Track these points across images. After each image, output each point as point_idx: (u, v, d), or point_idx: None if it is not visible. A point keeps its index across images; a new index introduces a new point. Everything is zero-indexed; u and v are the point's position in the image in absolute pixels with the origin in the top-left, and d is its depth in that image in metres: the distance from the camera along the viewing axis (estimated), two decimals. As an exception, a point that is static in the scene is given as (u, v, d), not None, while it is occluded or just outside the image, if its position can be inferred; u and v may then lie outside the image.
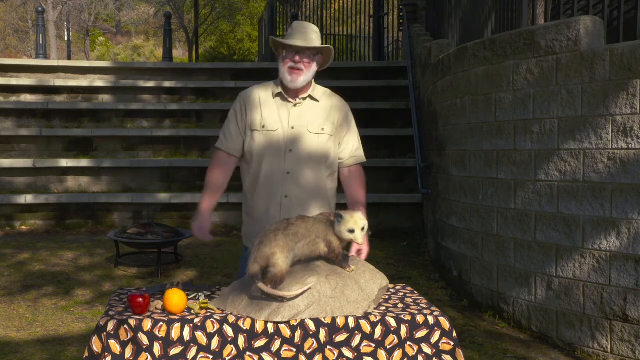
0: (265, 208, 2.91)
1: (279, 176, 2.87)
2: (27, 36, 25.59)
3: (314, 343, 2.30)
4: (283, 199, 2.88)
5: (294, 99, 2.91)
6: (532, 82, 4.37)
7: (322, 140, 2.90)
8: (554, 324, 4.29)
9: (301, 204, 2.88)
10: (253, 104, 2.92)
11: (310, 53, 2.87)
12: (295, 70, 2.84)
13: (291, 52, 2.85)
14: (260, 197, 2.92)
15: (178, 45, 28.80)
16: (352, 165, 3.03)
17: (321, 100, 2.96)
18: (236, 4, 23.24)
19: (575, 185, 4.11)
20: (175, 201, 7.63)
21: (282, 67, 2.86)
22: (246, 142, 2.93)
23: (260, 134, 2.88)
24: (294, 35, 2.86)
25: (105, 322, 2.31)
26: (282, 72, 2.86)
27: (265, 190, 2.90)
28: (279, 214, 2.86)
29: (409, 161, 7.95)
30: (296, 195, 2.88)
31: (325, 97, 2.98)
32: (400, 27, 10.38)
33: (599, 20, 4.12)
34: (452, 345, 2.40)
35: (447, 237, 5.59)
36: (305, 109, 2.92)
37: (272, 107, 2.91)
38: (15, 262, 6.06)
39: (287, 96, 2.91)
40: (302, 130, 2.88)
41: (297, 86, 2.87)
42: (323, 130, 2.90)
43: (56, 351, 4.06)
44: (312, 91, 2.95)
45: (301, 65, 2.84)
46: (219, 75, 10.17)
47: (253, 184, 2.94)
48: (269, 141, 2.87)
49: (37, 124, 8.91)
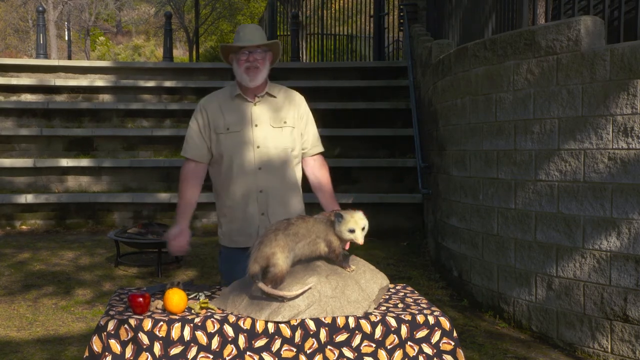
0: (243, 206, 3.01)
1: (251, 173, 2.99)
2: (28, 36, 25.60)
3: (314, 343, 2.30)
4: (259, 194, 2.99)
5: (253, 97, 3.04)
6: (532, 82, 4.36)
7: (285, 133, 3.03)
8: (554, 324, 4.29)
9: (276, 196, 3.01)
10: (214, 110, 3.05)
11: (262, 51, 3.00)
12: (252, 68, 2.97)
13: (244, 54, 2.98)
14: (236, 195, 3.02)
15: (178, 45, 28.81)
16: (315, 154, 3.18)
17: (278, 96, 3.09)
18: (236, 3, 23.25)
19: (576, 185, 4.11)
20: (175, 201, 7.55)
21: (238, 70, 3.00)
22: (213, 146, 3.04)
23: (226, 136, 3.01)
24: (242, 37, 3.01)
25: (106, 321, 2.31)
26: (240, 73, 3.00)
27: (239, 188, 3.01)
28: (257, 209, 2.99)
29: (409, 161, 7.95)
30: (270, 188, 3.00)
31: (281, 93, 3.11)
32: (401, 27, 10.38)
33: (600, 20, 4.12)
34: (453, 345, 2.40)
35: (447, 237, 5.59)
36: (265, 106, 3.05)
37: (233, 109, 3.04)
38: (15, 261, 6.07)
39: (246, 96, 3.04)
40: (265, 126, 3.01)
41: (257, 84, 3.00)
42: (285, 123, 3.04)
43: (56, 351, 4.06)
44: (269, 89, 3.08)
45: (256, 63, 2.97)
46: (219, 75, 10.17)
47: (226, 184, 3.05)
48: (236, 141, 3.00)
49: (37, 123, 8.91)
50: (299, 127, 3.09)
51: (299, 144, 3.09)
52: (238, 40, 3.02)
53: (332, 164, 8.90)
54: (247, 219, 3.00)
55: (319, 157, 3.20)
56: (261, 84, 3.02)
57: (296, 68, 10.16)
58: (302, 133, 3.11)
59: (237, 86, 3.06)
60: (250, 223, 3.00)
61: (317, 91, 9.18)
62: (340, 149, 8.38)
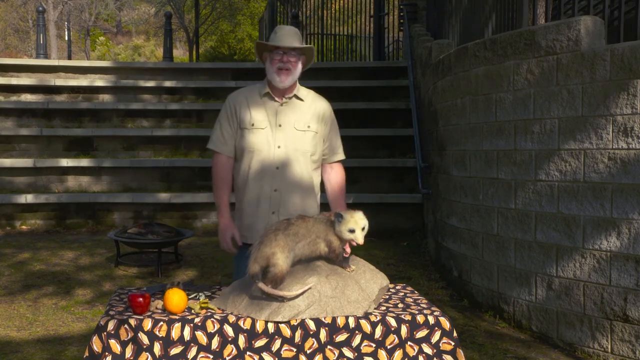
0: (256, 201, 3.04)
1: (268, 171, 3.02)
2: (28, 36, 25.60)
3: (314, 343, 2.30)
4: (273, 193, 3.03)
5: (281, 98, 3.07)
6: (532, 82, 4.36)
7: (308, 136, 3.06)
8: (554, 324, 4.29)
9: (290, 197, 3.04)
10: (242, 105, 3.08)
11: (296, 53, 3.04)
12: (284, 70, 3.01)
13: (278, 54, 3.01)
14: (251, 191, 3.05)
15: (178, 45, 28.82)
16: (334, 162, 3.22)
17: (306, 100, 3.12)
18: (237, 3, 23.25)
19: (576, 185, 4.11)
20: (175, 201, 7.63)
21: (270, 69, 3.03)
22: (237, 141, 3.08)
23: (249, 132, 3.04)
24: (279, 38, 3.03)
25: (106, 321, 2.31)
26: (271, 73, 3.03)
27: (255, 185, 3.04)
28: (269, 207, 3.02)
29: (409, 161, 7.95)
30: (286, 188, 3.03)
31: (310, 97, 3.15)
32: (401, 27, 10.37)
33: (600, 20, 4.12)
34: (453, 345, 2.40)
35: (447, 237, 5.59)
36: (292, 108, 3.08)
37: (260, 106, 3.07)
38: (15, 261, 6.07)
39: (275, 96, 3.07)
40: (289, 127, 3.04)
41: (286, 85, 3.03)
42: (309, 127, 3.07)
43: (56, 351, 4.06)
44: (297, 91, 3.11)
45: (289, 65, 3.01)
46: (219, 75, 10.17)
47: (244, 180, 3.08)
48: (258, 138, 3.03)
49: (37, 123, 8.91)
50: (322, 133, 3.12)
51: (320, 149, 3.12)
52: (275, 39, 3.03)
53: (332, 164, 8.79)
54: (258, 216, 3.03)
55: (338, 165, 3.23)
56: (291, 85, 3.06)
57: (296, 68, 10.16)
58: (324, 139, 3.14)
59: (267, 84, 3.08)
60: (260, 220, 3.03)
61: (317, 91, 9.13)
62: (340, 149, 8.37)
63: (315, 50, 3.16)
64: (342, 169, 3.26)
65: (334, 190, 3.19)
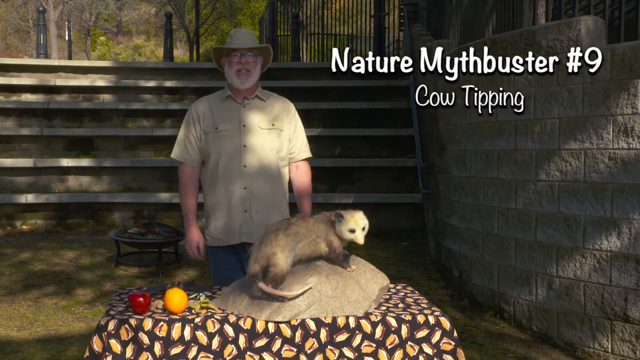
0: (227, 202, 3.09)
1: (236, 170, 3.06)
2: (28, 36, 25.61)
3: (315, 343, 2.30)
4: (242, 191, 3.07)
5: (243, 99, 3.13)
6: (532, 82, 4.36)
7: (273, 135, 3.12)
8: (554, 324, 4.29)
9: (260, 194, 3.08)
10: (205, 111, 3.14)
11: (253, 54, 3.10)
12: (244, 71, 3.07)
13: (236, 56, 3.07)
14: (221, 192, 3.10)
15: (179, 45, 28.83)
16: (301, 160, 3.25)
17: (268, 100, 3.18)
18: (237, 3, 23.25)
19: (576, 185, 4.11)
20: (175, 201, 7.61)
21: (230, 72, 3.10)
22: (202, 146, 3.13)
23: (214, 135, 3.09)
24: (235, 40, 3.09)
25: (106, 321, 2.31)
26: (231, 75, 3.09)
27: (224, 185, 3.08)
28: (240, 206, 3.07)
29: (409, 161, 7.94)
30: (254, 186, 3.07)
31: (271, 97, 3.21)
32: (401, 27, 10.37)
33: (600, 20, 4.11)
34: (453, 345, 2.40)
35: (447, 237, 5.59)
36: (255, 108, 3.13)
37: (223, 109, 3.13)
38: (16, 261, 6.07)
39: (236, 98, 3.13)
40: (253, 127, 3.10)
41: (247, 86, 3.09)
42: (273, 125, 3.12)
43: (57, 350, 4.06)
44: (258, 92, 3.16)
45: (248, 65, 3.07)
46: (219, 75, 10.04)
47: (213, 182, 3.12)
48: (224, 140, 3.08)
49: (38, 123, 8.91)
50: (288, 131, 3.17)
51: (286, 147, 3.17)
52: (230, 43, 3.09)
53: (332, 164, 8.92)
54: (230, 216, 3.07)
55: (304, 163, 3.27)
56: (251, 86, 3.11)
57: (297, 68, 10.15)
58: (290, 138, 3.18)
59: (228, 88, 3.15)
60: (233, 220, 3.07)
61: (317, 91, 9.18)
62: (341, 149, 8.37)
63: (272, 49, 3.22)
64: (308, 167, 3.28)
65: (298, 189, 3.24)
